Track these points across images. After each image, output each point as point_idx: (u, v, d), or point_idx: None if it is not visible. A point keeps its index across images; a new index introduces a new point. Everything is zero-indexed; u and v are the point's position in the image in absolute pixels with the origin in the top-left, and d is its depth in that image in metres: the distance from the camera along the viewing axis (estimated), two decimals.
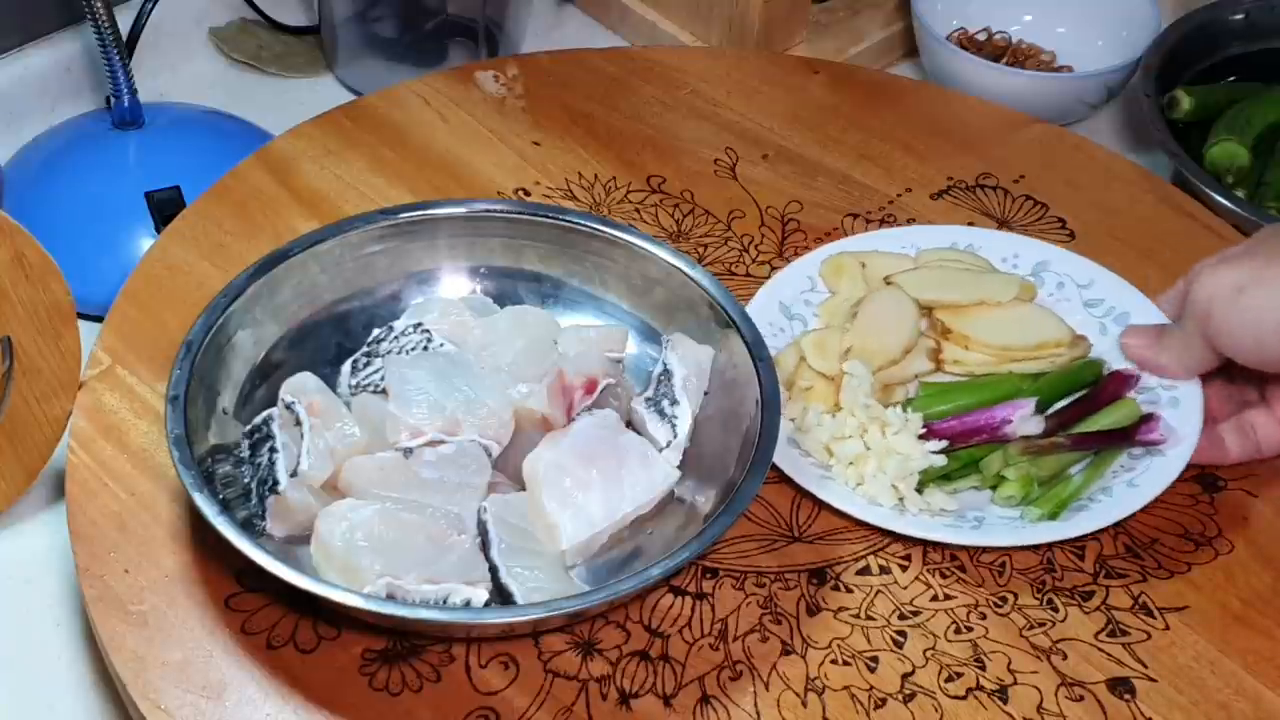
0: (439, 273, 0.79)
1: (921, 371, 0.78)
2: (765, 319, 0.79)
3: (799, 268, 0.82)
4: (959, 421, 0.75)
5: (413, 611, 0.63)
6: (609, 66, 0.96)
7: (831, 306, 0.81)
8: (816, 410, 0.75)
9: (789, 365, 0.78)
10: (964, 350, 0.79)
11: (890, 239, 0.84)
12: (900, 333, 0.78)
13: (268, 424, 0.69)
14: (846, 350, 0.77)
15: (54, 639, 0.74)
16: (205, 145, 0.95)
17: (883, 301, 0.80)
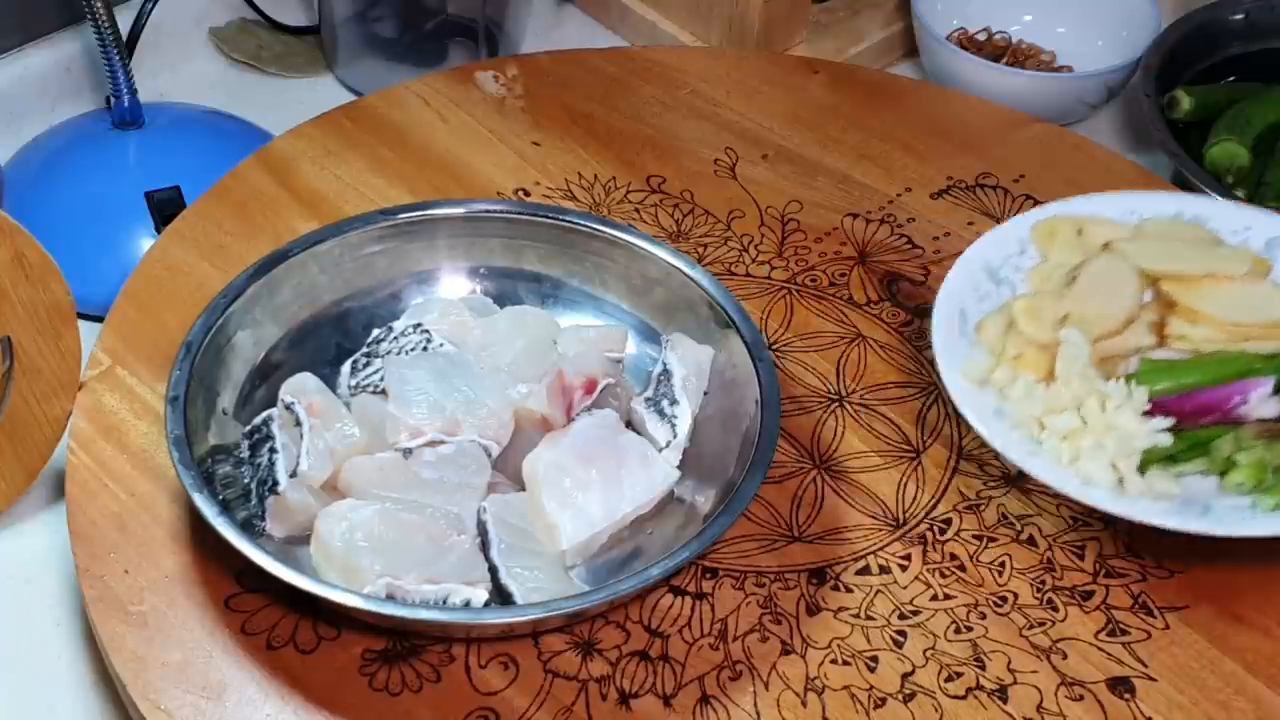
0: (439, 273, 0.79)
1: (1143, 345, 0.74)
2: (969, 283, 0.76)
3: (1009, 230, 0.79)
4: (1188, 399, 0.71)
5: (412, 612, 0.63)
6: (609, 66, 0.96)
7: (1043, 272, 0.78)
8: (1027, 380, 0.71)
9: (995, 331, 0.75)
10: (1191, 325, 0.74)
11: (1109, 204, 0.80)
12: (1122, 302, 0.74)
13: (267, 424, 0.69)
14: (1063, 317, 0.73)
15: (54, 639, 0.74)
16: (205, 145, 0.95)
17: (1104, 268, 0.75)
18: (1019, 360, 0.73)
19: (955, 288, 0.77)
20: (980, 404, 0.72)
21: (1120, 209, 0.80)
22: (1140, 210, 0.79)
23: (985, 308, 0.76)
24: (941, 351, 0.73)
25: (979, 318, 0.74)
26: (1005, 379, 0.72)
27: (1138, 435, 0.69)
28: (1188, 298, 0.74)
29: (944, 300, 0.76)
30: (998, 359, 0.73)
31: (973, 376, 0.73)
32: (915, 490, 0.74)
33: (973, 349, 0.74)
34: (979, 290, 0.77)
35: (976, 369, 0.73)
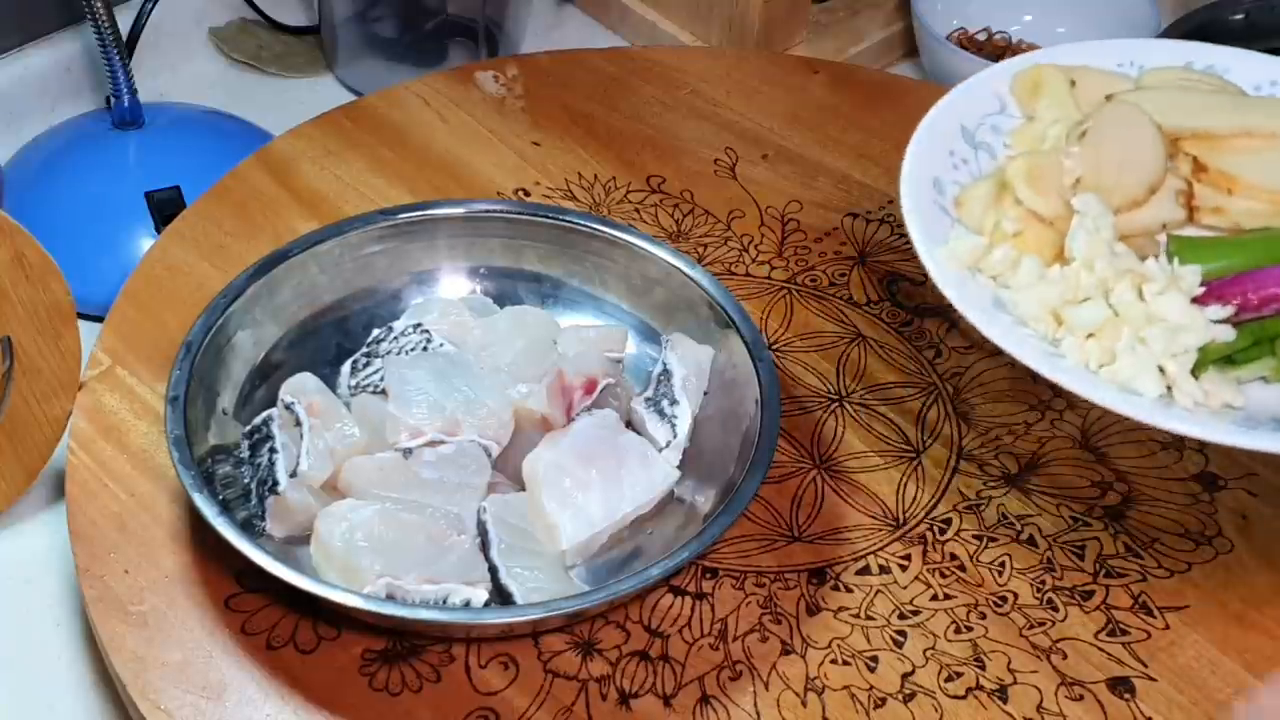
0: (438, 273, 0.79)
1: (1171, 220, 0.61)
2: (941, 145, 0.63)
3: (984, 83, 0.66)
4: (1250, 281, 0.57)
5: (412, 612, 0.63)
6: (609, 67, 0.96)
7: (1031, 134, 0.64)
8: (1033, 262, 0.58)
9: (981, 204, 0.61)
10: (1226, 195, 0.61)
11: (1104, 52, 0.67)
12: (1144, 165, 0.61)
13: (267, 424, 0.69)
14: (1075, 182, 0.60)
15: (54, 639, 0.74)
16: (205, 145, 0.95)
17: (1116, 122, 0.62)
18: (1020, 239, 0.59)
19: (924, 151, 0.63)
20: (973, 296, 0.58)
21: (1116, 57, 0.67)
22: (1141, 60, 0.67)
23: (963, 177, 0.63)
24: (918, 228, 0.59)
25: (957, 189, 0.61)
26: (1003, 263, 0.59)
27: (1190, 327, 0.55)
28: (1220, 160, 0.61)
29: (912, 166, 0.61)
30: (990, 239, 0.60)
31: (960, 259, 0.59)
32: (915, 490, 0.74)
33: (955, 227, 0.61)
34: (954, 154, 0.64)
35: (964, 251, 0.59)
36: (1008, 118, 0.65)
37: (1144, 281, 0.56)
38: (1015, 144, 0.64)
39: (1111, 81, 0.65)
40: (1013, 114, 0.65)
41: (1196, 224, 0.61)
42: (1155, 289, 0.56)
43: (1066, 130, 0.62)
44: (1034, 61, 0.66)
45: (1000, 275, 0.59)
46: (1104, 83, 0.65)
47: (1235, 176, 0.61)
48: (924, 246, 0.58)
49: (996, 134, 0.65)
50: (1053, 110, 0.65)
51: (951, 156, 0.63)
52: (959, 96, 0.65)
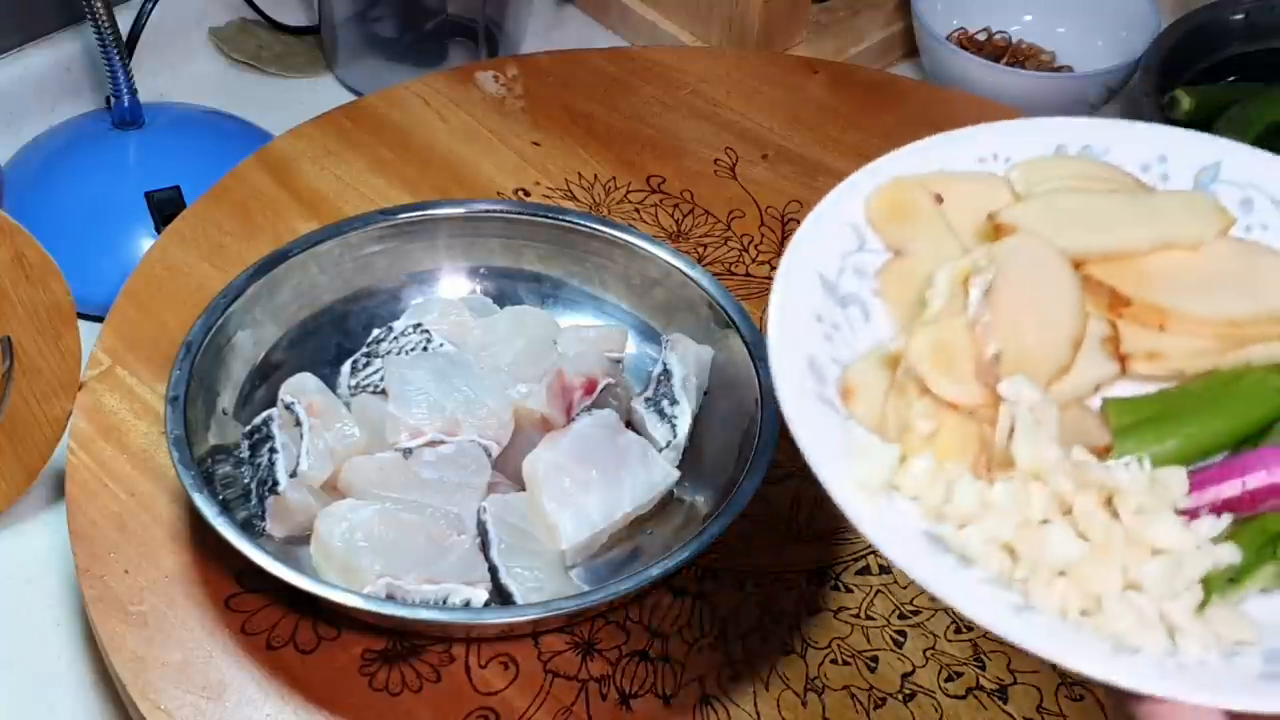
0: (438, 273, 0.79)
1: (1104, 378, 0.50)
2: (807, 310, 0.50)
3: (834, 213, 0.52)
4: (1237, 470, 0.46)
5: (412, 612, 0.63)
6: (609, 67, 0.96)
7: (902, 276, 0.51)
8: (972, 487, 0.45)
9: (872, 390, 0.48)
10: (1157, 333, 0.50)
11: (958, 149, 0.55)
12: (1063, 315, 0.49)
13: (267, 424, 0.69)
14: (994, 356, 0.47)
15: (54, 639, 0.74)
16: (205, 145, 0.95)
17: (1021, 264, 0.50)
18: (938, 441, 0.46)
19: (787, 324, 0.49)
20: (902, 534, 0.44)
21: (976, 150, 0.55)
22: (1006, 150, 0.55)
23: (842, 351, 0.49)
24: (811, 443, 0.45)
25: (838, 369, 0.48)
26: (927, 480, 0.46)
27: (1190, 556, 0.43)
28: (1142, 288, 0.50)
29: (780, 350, 0.47)
30: (900, 443, 0.46)
31: (873, 482, 0.45)
32: None
33: (848, 427, 0.47)
34: (822, 320, 0.49)
35: (876, 470, 0.45)
36: (870, 254, 0.52)
37: (1116, 494, 0.44)
38: (887, 291, 0.51)
39: (983, 188, 0.53)
40: (875, 248, 0.52)
41: (1131, 375, 0.50)
42: (1132, 505, 0.44)
43: (956, 274, 0.49)
44: (884, 176, 0.53)
45: (924, 497, 0.45)
46: (975, 191, 0.53)
47: (1165, 308, 0.49)
48: (826, 472, 0.44)
49: (862, 278, 0.51)
50: (925, 242, 0.52)
51: (820, 324, 0.49)
52: (807, 239, 0.51)
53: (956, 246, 0.52)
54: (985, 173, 0.54)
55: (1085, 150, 0.55)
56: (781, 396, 0.46)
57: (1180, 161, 0.54)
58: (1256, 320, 0.50)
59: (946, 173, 0.54)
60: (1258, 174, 0.53)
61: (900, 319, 0.51)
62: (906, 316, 0.50)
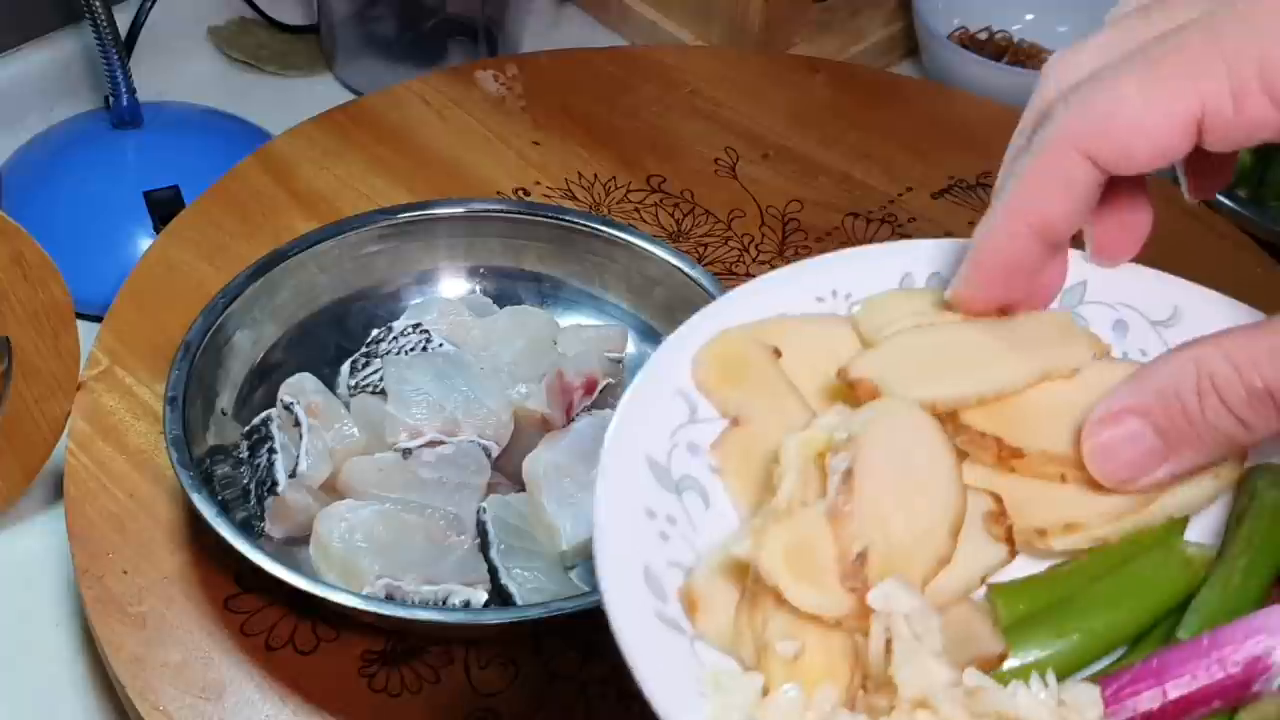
0: (438, 273, 0.78)
1: (992, 566, 0.43)
2: (637, 502, 0.41)
3: (658, 381, 0.44)
4: (1153, 670, 0.40)
5: (412, 612, 0.63)
6: (609, 66, 0.96)
7: (740, 447, 0.44)
8: (839, 709, 0.38)
9: (721, 603, 0.40)
10: (1051, 498, 0.44)
11: (791, 285, 0.48)
12: (938, 493, 0.42)
13: (266, 425, 0.69)
14: (859, 556, 0.40)
15: (53, 640, 0.74)
16: (204, 145, 0.95)
17: (882, 433, 0.42)
18: (798, 666, 0.39)
19: (616, 531, 0.41)
20: None
21: (813, 289, 0.48)
22: (845, 287, 0.48)
23: (681, 553, 0.41)
24: (655, 685, 0.38)
25: (680, 577, 0.40)
26: (792, 715, 0.38)
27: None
28: (1031, 433, 0.43)
29: (607, 562, 0.40)
30: (760, 670, 0.39)
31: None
32: None
33: (697, 650, 0.40)
34: (655, 516, 0.41)
35: (730, 706, 0.38)
36: (704, 424, 0.44)
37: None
38: (726, 467, 0.43)
39: (826, 333, 0.46)
40: (708, 416, 0.44)
41: (1033, 550, 0.43)
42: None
43: (806, 449, 0.42)
44: (712, 330, 0.45)
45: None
46: (816, 338, 0.46)
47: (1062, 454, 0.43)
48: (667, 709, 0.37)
49: (696, 455, 0.43)
50: (765, 405, 0.44)
51: (653, 520, 0.41)
52: (629, 416, 0.43)
53: (802, 409, 0.44)
54: (827, 314, 0.47)
55: (934, 278, 0.48)
56: (614, 624, 0.38)
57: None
58: None
59: (781, 318, 0.46)
60: (1128, 292, 0.48)
61: (745, 503, 0.43)
62: (751, 499, 0.43)
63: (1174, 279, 0.48)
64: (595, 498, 0.41)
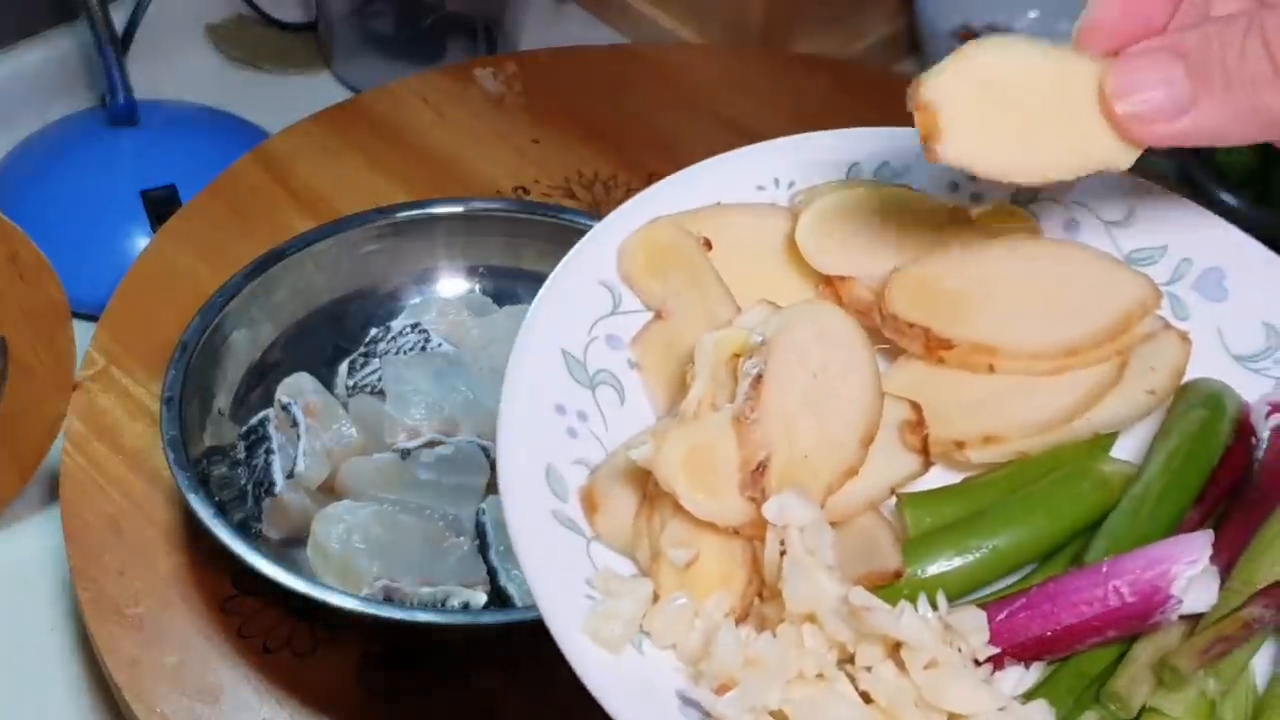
0: (437, 272, 0.78)
1: (903, 478, 0.41)
2: (546, 397, 0.41)
3: (581, 269, 0.44)
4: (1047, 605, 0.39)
5: (410, 614, 0.62)
6: (609, 64, 0.96)
7: (661, 341, 0.43)
8: (731, 636, 0.37)
9: (621, 508, 0.40)
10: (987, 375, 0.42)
11: (731, 171, 0.48)
12: (852, 400, 0.40)
13: (264, 425, 0.69)
14: (759, 465, 0.38)
15: (49, 642, 0.73)
16: (201, 143, 0.95)
17: (800, 338, 0.40)
18: (692, 574, 0.38)
19: (520, 425, 0.40)
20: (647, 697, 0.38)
21: (754, 176, 0.47)
22: (788, 174, 0.47)
23: (591, 449, 0.40)
24: (542, 584, 0.38)
25: (583, 475, 0.40)
26: (679, 626, 0.38)
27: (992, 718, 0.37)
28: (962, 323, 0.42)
29: (508, 457, 0.39)
30: (652, 577, 0.39)
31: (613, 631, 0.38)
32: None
33: (593, 553, 0.39)
34: (564, 411, 0.40)
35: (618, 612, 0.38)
36: (626, 315, 0.42)
37: (905, 645, 0.36)
38: (645, 362, 0.42)
39: (760, 227, 0.44)
40: (632, 308, 0.42)
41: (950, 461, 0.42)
42: (922, 659, 0.36)
43: (721, 349, 0.40)
44: (643, 216, 0.43)
45: (680, 646, 0.38)
46: (749, 229, 0.44)
47: (993, 345, 0.41)
48: (557, 620, 0.37)
49: (616, 348, 0.42)
50: (689, 298, 0.42)
51: (562, 416, 0.40)
52: (546, 306, 0.42)
53: (728, 305, 0.42)
54: (765, 204, 0.45)
55: (883, 168, 0.46)
56: (509, 518, 0.38)
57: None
58: (1095, 341, 0.43)
59: (718, 205, 0.45)
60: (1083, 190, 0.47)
61: (662, 400, 0.41)
62: (669, 397, 0.41)
63: (1131, 177, 0.46)
64: (503, 391, 0.40)
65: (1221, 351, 0.44)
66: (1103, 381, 0.43)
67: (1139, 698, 0.38)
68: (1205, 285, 0.45)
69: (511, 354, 0.41)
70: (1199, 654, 0.38)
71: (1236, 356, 0.45)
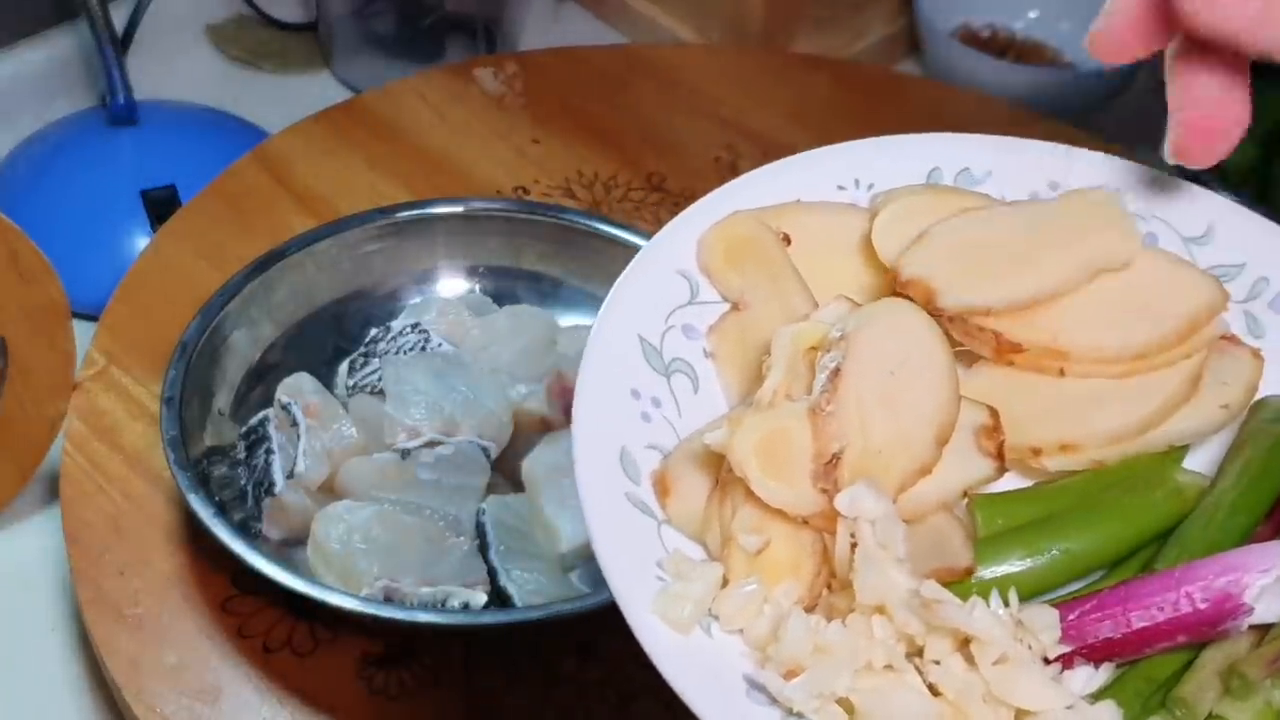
0: (437, 272, 0.78)
1: (977, 481, 0.42)
2: (622, 382, 0.41)
3: (661, 259, 0.44)
4: (1119, 607, 0.39)
5: (410, 615, 0.62)
6: (609, 63, 0.96)
7: (738, 332, 0.43)
8: (802, 624, 0.37)
9: (695, 489, 0.40)
10: (1062, 382, 0.42)
11: (813, 171, 0.47)
12: (928, 399, 0.41)
13: (264, 425, 0.69)
14: (833, 458, 0.39)
15: (49, 642, 0.73)
16: (201, 143, 0.95)
17: (879, 335, 0.41)
18: (766, 562, 0.38)
19: (595, 408, 0.41)
20: (716, 683, 0.37)
21: (835, 177, 0.47)
22: (869, 176, 0.47)
23: (664, 434, 0.41)
24: (614, 565, 0.39)
25: (656, 459, 0.40)
26: (748, 611, 0.38)
27: (1059, 716, 0.37)
28: (1031, 327, 0.42)
29: (584, 439, 0.40)
30: (722, 562, 0.39)
31: (682, 611, 0.38)
32: None
33: (664, 535, 0.40)
34: (639, 396, 0.41)
35: (688, 593, 0.38)
36: (704, 306, 0.43)
37: (971, 641, 0.37)
38: (721, 353, 0.42)
39: (840, 223, 0.45)
40: (709, 299, 0.43)
41: (1025, 468, 0.42)
42: (992, 654, 0.36)
43: (799, 341, 0.40)
44: (723, 210, 0.44)
45: (748, 631, 0.38)
46: (829, 228, 0.45)
47: (1063, 349, 0.42)
48: (628, 597, 0.37)
49: (692, 338, 0.42)
50: (767, 292, 0.42)
51: (637, 400, 0.40)
52: (626, 293, 0.42)
53: (805, 299, 0.43)
54: (844, 204, 0.46)
55: (963, 174, 0.47)
56: (583, 497, 0.39)
57: (1043, 170, 0.48)
58: (1164, 344, 0.43)
59: (798, 204, 0.45)
60: (1161, 204, 0.47)
61: (736, 390, 0.42)
62: (743, 387, 0.42)
63: (1211, 194, 0.47)
64: (580, 373, 0.41)
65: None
66: (1177, 394, 0.43)
67: (1205, 704, 0.38)
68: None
69: (589, 338, 0.42)
70: (1268, 663, 0.38)
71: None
